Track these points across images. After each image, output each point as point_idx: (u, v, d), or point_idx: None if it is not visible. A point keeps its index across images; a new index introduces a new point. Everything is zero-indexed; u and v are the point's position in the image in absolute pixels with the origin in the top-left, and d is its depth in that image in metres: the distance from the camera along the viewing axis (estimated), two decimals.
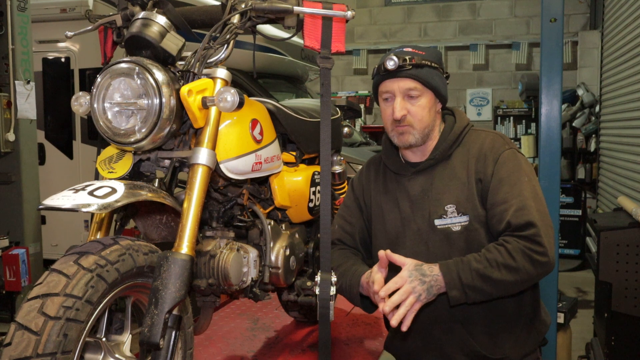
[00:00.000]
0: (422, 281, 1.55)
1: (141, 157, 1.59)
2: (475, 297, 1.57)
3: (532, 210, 1.60)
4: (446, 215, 1.69)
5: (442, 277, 1.55)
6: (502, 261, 1.54)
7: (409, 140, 1.72)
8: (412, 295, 1.52)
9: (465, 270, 1.55)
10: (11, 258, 3.75)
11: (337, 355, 2.26)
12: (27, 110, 4.02)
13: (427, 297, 1.55)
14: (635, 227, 2.86)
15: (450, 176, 1.72)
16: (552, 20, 2.61)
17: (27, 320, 1.13)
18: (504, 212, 1.61)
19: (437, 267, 1.57)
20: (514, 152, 1.72)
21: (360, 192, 1.89)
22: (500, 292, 1.58)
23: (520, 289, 1.63)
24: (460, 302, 1.57)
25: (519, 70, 8.89)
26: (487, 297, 1.58)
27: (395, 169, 1.82)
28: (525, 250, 1.55)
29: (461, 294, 1.55)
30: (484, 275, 1.54)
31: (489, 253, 1.57)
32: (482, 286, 1.54)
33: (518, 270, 1.54)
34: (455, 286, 1.55)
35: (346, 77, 9.74)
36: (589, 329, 3.91)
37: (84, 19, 5.07)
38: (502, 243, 1.58)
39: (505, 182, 1.65)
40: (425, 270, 1.57)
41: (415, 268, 1.57)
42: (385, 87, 1.72)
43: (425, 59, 1.69)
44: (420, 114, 1.70)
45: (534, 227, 1.56)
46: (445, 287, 1.55)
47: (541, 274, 1.59)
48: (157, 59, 1.50)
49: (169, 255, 1.34)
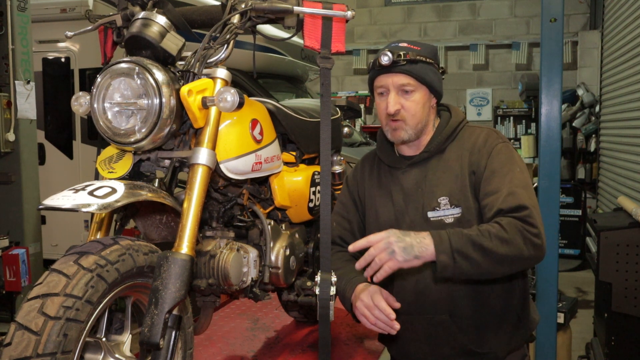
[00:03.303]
0: (400, 239, 1.50)
1: (141, 157, 1.59)
2: (463, 266, 1.50)
3: (523, 196, 1.59)
4: (439, 208, 1.69)
5: (431, 239, 1.51)
6: (494, 232, 1.52)
7: (401, 136, 1.73)
8: (385, 251, 1.49)
9: (457, 235, 1.52)
10: (11, 258, 3.75)
11: (337, 355, 2.26)
12: (27, 110, 4.02)
13: (404, 257, 1.48)
14: (635, 227, 2.86)
15: (443, 169, 1.73)
16: (552, 20, 2.61)
17: (27, 320, 1.13)
18: (495, 200, 1.61)
19: (426, 233, 1.54)
20: (507, 145, 1.74)
21: (355, 188, 1.90)
22: (490, 265, 1.51)
23: (510, 268, 1.57)
24: (447, 270, 1.50)
25: (519, 70, 8.89)
26: (476, 269, 1.51)
27: (390, 162, 1.83)
28: (519, 226, 1.53)
29: (450, 260, 1.49)
30: (475, 242, 1.50)
31: (480, 227, 1.55)
32: (473, 254, 1.49)
33: (510, 242, 1.50)
34: (444, 250, 1.49)
35: (346, 77, 9.74)
36: (589, 329, 3.91)
37: (84, 19, 5.07)
38: (496, 220, 1.56)
39: (498, 173, 1.66)
40: (409, 233, 1.53)
41: (399, 230, 1.54)
42: (380, 82, 1.73)
43: (420, 55, 1.69)
44: (414, 109, 1.71)
45: (527, 209, 1.55)
46: (434, 251, 1.50)
47: (532, 257, 1.55)
48: (157, 59, 1.50)
49: (169, 255, 1.33)
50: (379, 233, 1.54)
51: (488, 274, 1.56)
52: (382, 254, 1.49)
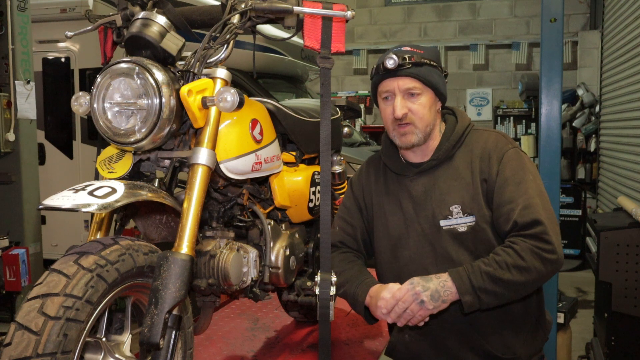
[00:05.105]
0: (425, 287, 1.55)
1: (141, 157, 1.59)
2: (488, 301, 1.55)
3: (538, 208, 1.59)
4: (451, 216, 1.68)
5: (452, 282, 1.55)
6: (512, 262, 1.53)
7: (411, 140, 1.70)
8: (415, 302, 1.54)
9: (476, 274, 1.54)
10: (11, 258, 3.74)
11: (337, 355, 2.26)
12: (27, 110, 4.02)
13: (434, 305, 1.54)
14: (635, 227, 2.86)
15: (454, 176, 1.72)
16: (552, 20, 2.61)
17: (27, 320, 1.13)
18: (510, 211, 1.60)
19: (445, 274, 1.57)
20: (517, 151, 1.72)
21: (360, 193, 1.88)
22: (513, 293, 1.56)
23: (532, 289, 1.62)
24: (474, 307, 1.56)
25: (519, 70, 8.89)
26: (500, 299, 1.56)
27: (397, 169, 1.81)
28: (534, 249, 1.54)
29: (474, 299, 1.53)
30: (494, 277, 1.53)
31: (497, 256, 1.56)
32: (495, 288, 1.53)
33: (528, 269, 1.53)
34: (467, 290, 1.53)
35: (346, 77, 9.74)
36: (589, 329, 3.91)
37: (84, 19, 5.04)
38: (510, 244, 1.57)
39: (510, 181, 1.65)
40: (430, 278, 1.57)
41: (420, 277, 1.58)
42: (385, 86, 1.71)
43: (425, 58, 1.68)
44: (421, 112, 1.69)
45: (541, 225, 1.56)
46: (457, 292, 1.54)
47: (551, 272, 1.58)
48: (157, 59, 1.50)
49: (169, 255, 1.33)
50: (402, 287, 1.58)
51: (514, 299, 1.61)
52: (412, 306, 1.55)
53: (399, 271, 1.73)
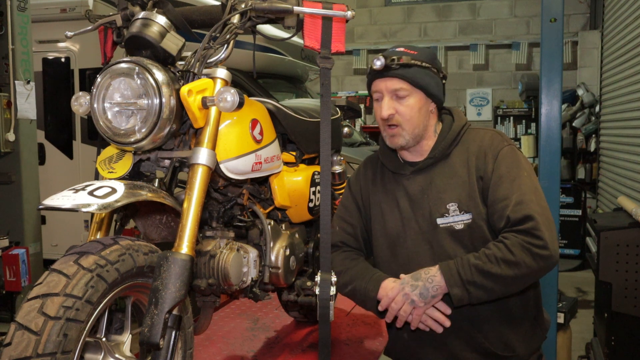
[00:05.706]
0: (413, 286, 1.57)
1: (141, 157, 1.59)
2: (477, 295, 1.56)
3: (532, 204, 1.60)
4: (448, 214, 1.69)
5: (442, 275, 1.56)
6: (502, 256, 1.54)
7: (398, 142, 1.72)
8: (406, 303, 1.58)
9: (465, 267, 1.56)
10: (11, 258, 3.75)
11: (337, 355, 2.26)
12: (27, 110, 4.03)
13: (424, 302, 1.57)
14: (635, 227, 2.86)
15: (450, 174, 1.72)
16: (552, 20, 2.61)
17: (27, 320, 1.13)
18: (504, 208, 1.62)
19: (435, 268, 1.59)
20: (512, 148, 1.73)
21: (358, 192, 1.89)
22: (503, 288, 1.57)
23: (524, 284, 1.63)
24: (463, 300, 1.57)
25: (519, 70, 8.89)
26: (490, 294, 1.57)
27: (394, 168, 1.82)
28: (524, 244, 1.55)
29: (463, 292, 1.55)
30: (483, 270, 1.54)
31: (487, 250, 1.58)
32: (483, 282, 1.54)
33: (518, 264, 1.54)
34: (455, 283, 1.55)
35: (346, 77, 9.74)
36: (589, 329, 3.91)
37: (84, 19, 5.05)
38: (501, 239, 1.59)
39: (505, 178, 1.66)
40: (419, 274, 1.59)
41: (410, 275, 1.61)
42: (375, 86, 1.73)
43: (416, 59, 1.68)
44: (408, 114, 1.70)
45: (532, 220, 1.56)
46: (445, 286, 1.56)
47: (544, 268, 1.58)
48: (157, 59, 1.50)
49: (169, 255, 1.33)
50: (393, 287, 1.63)
51: (505, 294, 1.62)
52: (404, 307, 1.59)
53: (397, 269, 1.74)
